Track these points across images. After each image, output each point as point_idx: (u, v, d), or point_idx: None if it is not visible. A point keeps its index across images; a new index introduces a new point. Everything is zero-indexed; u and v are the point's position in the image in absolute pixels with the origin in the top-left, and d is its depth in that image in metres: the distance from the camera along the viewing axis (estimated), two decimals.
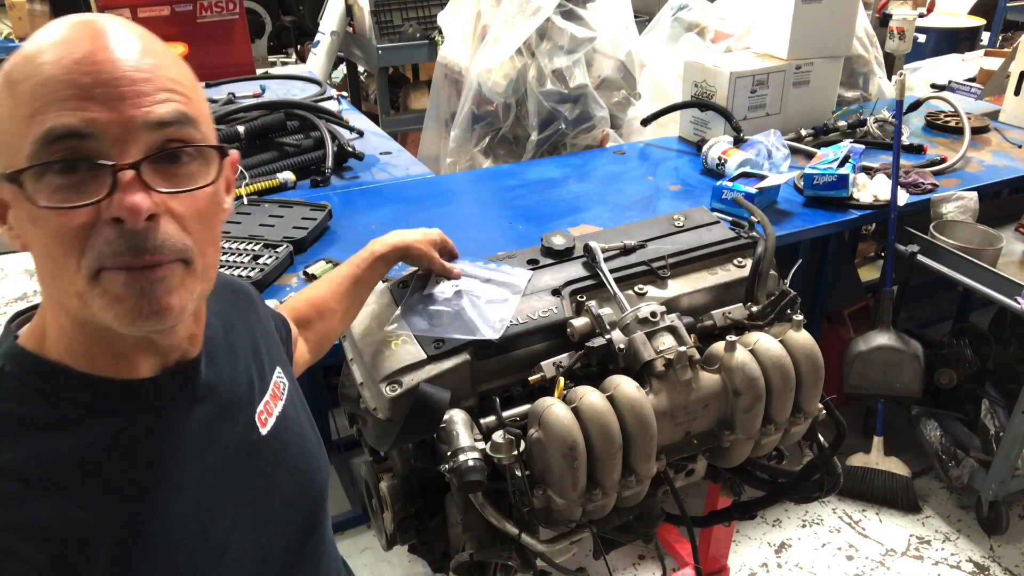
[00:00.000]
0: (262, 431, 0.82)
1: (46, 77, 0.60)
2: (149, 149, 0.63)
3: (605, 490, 1.11)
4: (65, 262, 0.62)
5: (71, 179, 0.60)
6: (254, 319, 0.93)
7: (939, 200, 2.18)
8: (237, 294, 0.93)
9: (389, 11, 3.91)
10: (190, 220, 0.66)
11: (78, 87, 0.60)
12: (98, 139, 0.60)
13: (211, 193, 0.68)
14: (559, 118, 2.68)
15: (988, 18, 4.64)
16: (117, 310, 0.63)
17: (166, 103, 0.63)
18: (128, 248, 0.61)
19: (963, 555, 2.25)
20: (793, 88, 2.54)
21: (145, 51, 0.64)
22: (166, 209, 0.63)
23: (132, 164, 0.61)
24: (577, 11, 2.63)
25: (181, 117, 0.64)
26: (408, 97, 4.33)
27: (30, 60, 0.61)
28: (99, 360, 0.69)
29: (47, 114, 0.59)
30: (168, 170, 0.64)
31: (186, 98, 0.66)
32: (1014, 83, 2.71)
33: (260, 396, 0.84)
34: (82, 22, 0.64)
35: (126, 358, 0.70)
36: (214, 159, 0.68)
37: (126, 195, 0.60)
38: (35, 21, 5.51)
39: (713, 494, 1.80)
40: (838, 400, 1.38)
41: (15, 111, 0.61)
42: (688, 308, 1.37)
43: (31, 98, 0.60)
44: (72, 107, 0.59)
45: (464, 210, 2.16)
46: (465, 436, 1.11)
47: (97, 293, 0.62)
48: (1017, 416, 2.08)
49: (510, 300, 1.26)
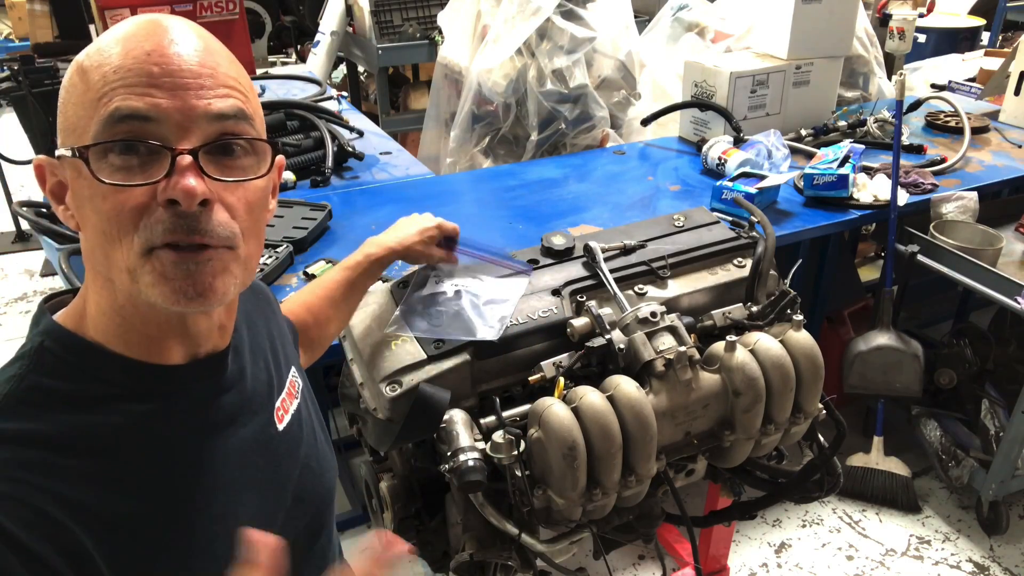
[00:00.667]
0: (279, 427, 0.84)
1: (117, 65, 0.64)
2: (207, 138, 0.66)
3: (605, 490, 1.11)
4: (120, 239, 0.65)
5: (131, 160, 0.64)
6: (271, 319, 0.96)
7: (939, 200, 2.18)
8: (257, 294, 0.96)
9: (389, 11, 3.91)
10: (240, 211, 0.69)
11: (147, 75, 0.64)
12: (160, 123, 0.64)
13: (261, 188, 0.72)
14: (559, 118, 2.68)
15: (988, 18, 4.64)
16: (163, 288, 0.66)
17: (226, 98, 0.67)
18: (180, 228, 0.64)
19: (963, 555, 2.25)
20: (793, 88, 2.54)
21: (209, 50, 0.68)
22: (219, 197, 0.67)
23: (191, 150, 0.65)
24: (577, 11, 2.63)
25: (239, 112, 0.68)
26: (408, 97, 4.33)
27: (102, 51, 0.66)
28: (134, 344, 0.72)
29: (114, 97, 0.63)
30: (223, 161, 0.68)
31: (244, 96, 0.70)
32: (1014, 83, 2.71)
33: (278, 393, 0.87)
34: (154, 20, 0.68)
35: (159, 344, 0.73)
36: (267, 155, 0.72)
37: (182, 178, 0.64)
38: (35, 21, 5.51)
39: (713, 494, 1.80)
40: (838, 400, 1.38)
41: (85, 96, 0.65)
42: (688, 308, 1.37)
43: (102, 83, 0.64)
44: (139, 92, 0.63)
45: (464, 210, 2.16)
46: (465, 436, 1.11)
47: (147, 270, 0.65)
48: (1017, 416, 2.08)
49: (511, 299, 1.25)
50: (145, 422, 0.71)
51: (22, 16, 5.86)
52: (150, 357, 0.73)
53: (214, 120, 0.66)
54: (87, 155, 0.64)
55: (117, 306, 0.70)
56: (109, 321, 0.71)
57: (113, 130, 0.63)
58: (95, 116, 0.64)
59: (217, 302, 0.69)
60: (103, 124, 0.63)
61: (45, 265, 4.00)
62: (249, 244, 0.71)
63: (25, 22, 5.81)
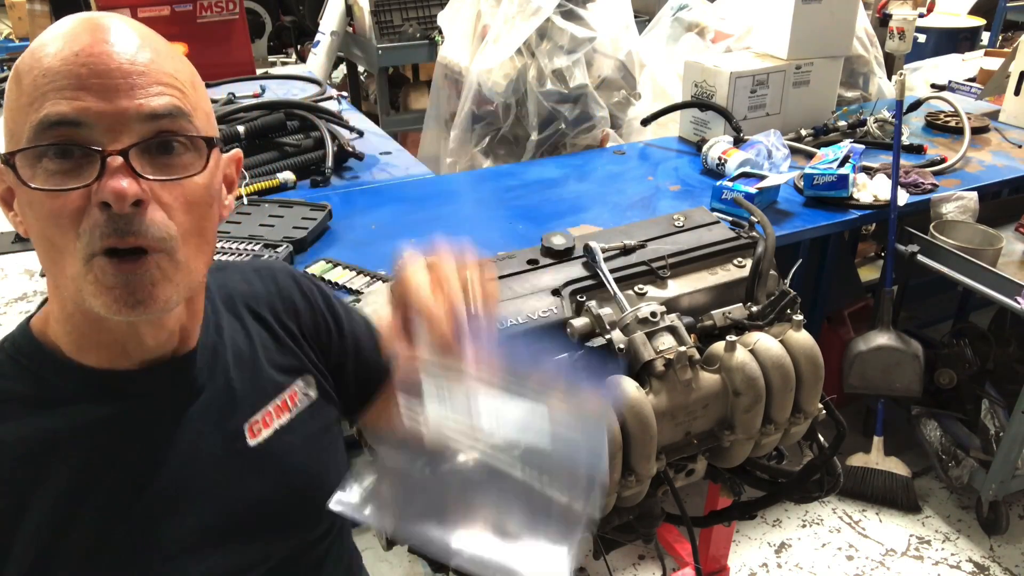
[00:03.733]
0: (250, 441, 0.80)
1: (46, 68, 0.63)
2: (140, 138, 0.65)
3: (605, 490, 1.11)
4: (62, 246, 0.65)
5: (65, 165, 0.63)
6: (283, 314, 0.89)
7: (939, 200, 2.18)
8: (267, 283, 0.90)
9: (389, 11, 3.91)
10: (178, 210, 0.67)
11: (75, 78, 0.63)
12: (90, 127, 0.63)
13: (202, 185, 0.69)
14: (559, 118, 2.68)
15: (988, 18, 4.64)
16: (104, 299, 0.65)
17: (160, 96, 0.65)
18: (114, 231, 0.63)
19: (963, 555, 2.25)
20: (793, 88, 2.54)
21: (142, 46, 0.66)
22: (153, 197, 0.65)
23: (121, 150, 0.63)
24: (577, 11, 2.63)
25: (174, 110, 0.66)
26: (408, 97, 4.33)
27: (34, 54, 0.65)
28: (86, 348, 0.72)
29: (44, 103, 0.62)
30: (160, 160, 0.66)
31: (181, 92, 0.67)
32: (1014, 83, 2.71)
33: (260, 405, 0.82)
34: (85, 19, 0.66)
35: (112, 348, 0.72)
36: (204, 151, 0.69)
37: (113, 180, 0.62)
38: (35, 21, 5.51)
39: (713, 494, 1.80)
40: (838, 400, 1.38)
41: (19, 101, 0.64)
42: (688, 308, 1.37)
43: (32, 88, 0.63)
44: (68, 96, 0.62)
45: (464, 210, 2.16)
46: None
47: (89, 280, 0.64)
48: (1017, 416, 2.08)
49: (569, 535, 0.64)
50: (90, 428, 0.71)
51: (22, 16, 5.86)
52: (101, 362, 0.72)
53: (147, 120, 0.65)
54: (13, 162, 0.63)
55: (68, 312, 0.71)
56: (63, 326, 0.72)
57: (43, 136, 0.62)
58: (27, 122, 0.63)
59: (159, 310, 0.67)
60: (34, 131, 0.63)
61: None
62: (189, 245, 0.68)
63: (25, 22, 5.80)
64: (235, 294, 0.86)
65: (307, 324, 0.91)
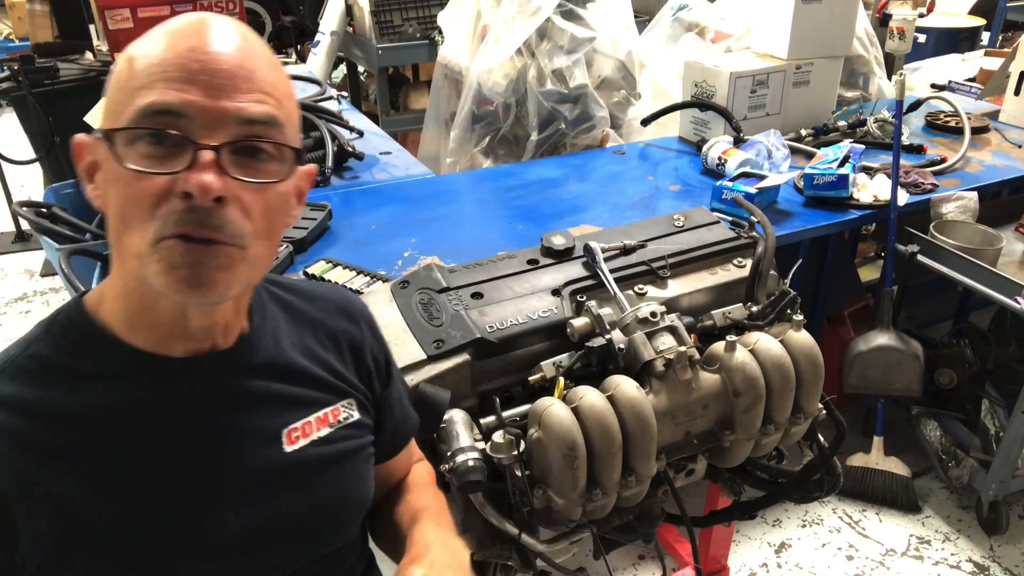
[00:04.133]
0: (286, 447, 0.81)
1: (161, 59, 0.67)
2: (233, 138, 0.68)
3: (605, 490, 1.11)
4: (134, 225, 0.67)
5: (157, 151, 0.66)
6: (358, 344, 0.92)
7: (939, 200, 2.18)
8: (350, 317, 0.93)
9: (389, 11, 3.90)
10: (256, 213, 0.70)
11: (185, 72, 0.67)
12: (190, 120, 0.66)
13: (281, 193, 0.73)
14: (559, 118, 2.68)
15: (988, 18, 4.64)
16: (168, 277, 0.67)
17: (259, 104, 0.69)
18: (190, 219, 0.66)
19: (963, 555, 2.25)
20: (793, 88, 2.54)
21: (251, 55, 0.70)
22: (235, 197, 0.68)
23: (214, 146, 0.67)
24: (577, 11, 2.63)
25: (269, 119, 0.70)
26: (408, 97, 4.33)
27: (149, 43, 0.69)
28: (137, 328, 0.74)
29: (152, 90, 0.66)
30: (247, 163, 0.70)
31: (277, 103, 0.71)
32: (1014, 83, 2.71)
33: (302, 415, 0.83)
34: (202, 19, 0.71)
35: (160, 331, 0.74)
36: (289, 159, 0.73)
37: (200, 173, 0.66)
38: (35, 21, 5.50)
39: (713, 494, 1.80)
40: (838, 400, 1.38)
41: (129, 83, 0.68)
42: (688, 308, 1.37)
43: (145, 74, 0.67)
44: (176, 88, 0.66)
45: (464, 210, 2.16)
46: (465, 436, 1.11)
47: (155, 258, 0.67)
48: (1017, 416, 2.08)
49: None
50: (130, 408, 0.73)
51: (22, 16, 5.86)
52: (147, 344, 0.75)
53: (243, 123, 0.68)
54: (113, 137, 0.67)
55: (127, 291, 0.73)
56: (118, 305, 0.74)
57: (144, 121, 0.66)
58: (132, 104, 0.67)
59: (218, 296, 0.70)
60: (137, 114, 0.66)
61: (45, 265, 3.99)
62: (259, 245, 0.72)
63: (25, 22, 5.80)
64: (303, 311, 0.89)
65: (366, 361, 0.93)
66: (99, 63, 3.74)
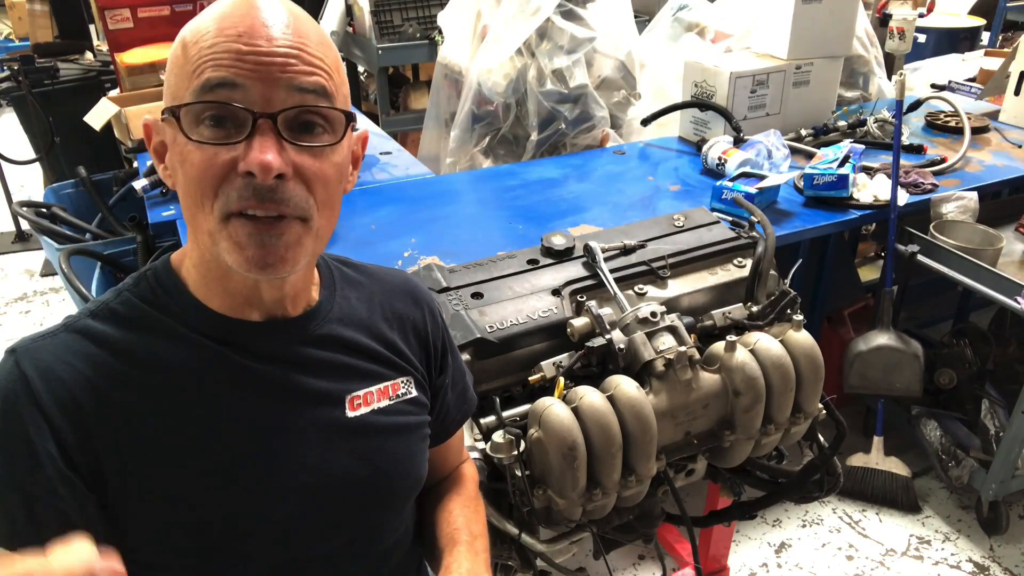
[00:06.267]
0: (349, 412, 0.86)
1: (212, 42, 0.71)
2: (287, 106, 0.72)
3: (605, 490, 1.11)
4: (202, 203, 0.72)
5: (219, 133, 0.71)
6: (421, 328, 0.96)
7: (939, 200, 2.18)
8: (415, 301, 0.97)
9: (389, 11, 3.90)
10: (315, 183, 0.74)
11: (235, 52, 0.70)
12: (247, 90, 0.70)
13: (337, 163, 0.77)
14: (559, 118, 2.68)
15: (988, 18, 4.64)
16: (238, 256, 0.72)
17: (310, 75, 0.73)
18: (254, 194, 0.70)
19: (963, 555, 2.25)
20: (793, 88, 2.54)
21: (298, 32, 0.73)
22: (294, 171, 0.72)
23: (270, 114, 0.71)
24: (577, 11, 2.63)
25: (319, 89, 0.74)
26: (408, 97, 4.33)
27: (200, 27, 0.73)
28: (214, 293, 0.80)
29: (206, 70, 0.70)
30: (302, 137, 0.73)
31: (327, 75, 0.75)
32: (1014, 83, 2.71)
33: (365, 384, 0.88)
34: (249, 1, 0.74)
35: (236, 298, 0.80)
36: (342, 127, 0.76)
37: (260, 153, 0.69)
38: (35, 21, 5.51)
39: (713, 494, 1.80)
40: (838, 400, 1.38)
41: (184, 68, 0.72)
42: (688, 308, 1.37)
43: (197, 57, 0.71)
44: (227, 65, 0.70)
45: (464, 210, 2.16)
46: (465, 436, 1.11)
47: (224, 236, 0.72)
48: (1017, 416, 2.08)
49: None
50: (207, 364, 0.78)
51: (22, 16, 5.85)
52: (223, 309, 0.80)
53: (295, 91, 0.72)
54: (178, 113, 0.71)
55: (204, 261, 0.78)
56: (197, 270, 0.80)
57: (204, 96, 0.70)
58: (190, 86, 0.71)
59: (288, 272, 0.75)
60: (196, 92, 0.70)
61: (45, 265, 4.00)
62: (322, 216, 0.76)
63: (25, 22, 5.79)
64: (372, 291, 0.94)
65: (426, 344, 0.97)
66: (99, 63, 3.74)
